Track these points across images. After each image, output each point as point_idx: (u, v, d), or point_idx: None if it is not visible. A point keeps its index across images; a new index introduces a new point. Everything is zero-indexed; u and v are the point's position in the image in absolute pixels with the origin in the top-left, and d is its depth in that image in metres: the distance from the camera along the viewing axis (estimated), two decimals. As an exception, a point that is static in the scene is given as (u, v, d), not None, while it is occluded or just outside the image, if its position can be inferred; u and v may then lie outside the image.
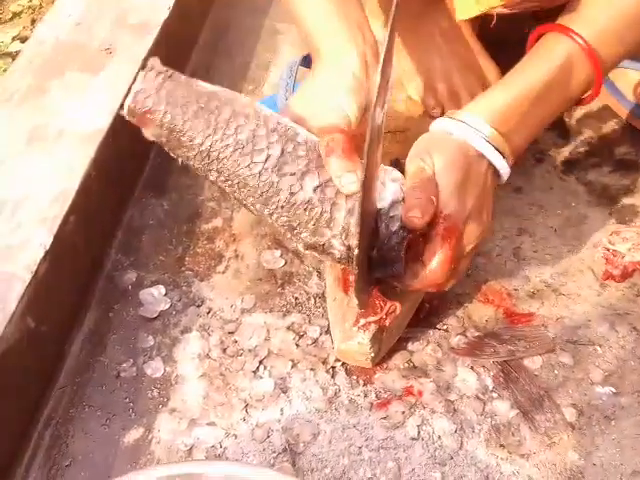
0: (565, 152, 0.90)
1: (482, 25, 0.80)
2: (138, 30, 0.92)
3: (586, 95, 0.69)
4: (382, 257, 0.60)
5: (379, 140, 0.57)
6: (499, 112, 0.64)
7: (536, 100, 0.65)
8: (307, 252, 0.62)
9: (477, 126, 0.63)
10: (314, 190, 0.59)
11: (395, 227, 0.59)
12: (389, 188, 0.60)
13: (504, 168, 0.65)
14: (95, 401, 0.69)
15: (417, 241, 0.61)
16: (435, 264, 0.60)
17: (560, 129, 0.92)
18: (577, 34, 0.66)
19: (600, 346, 0.72)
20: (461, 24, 0.87)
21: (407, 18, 0.80)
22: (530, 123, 0.66)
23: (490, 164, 0.64)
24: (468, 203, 0.62)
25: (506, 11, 0.73)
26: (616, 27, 0.68)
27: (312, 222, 0.59)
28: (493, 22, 0.74)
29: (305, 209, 0.59)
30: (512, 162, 0.65)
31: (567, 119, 0.94)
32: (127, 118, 0.62)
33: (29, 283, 0.67)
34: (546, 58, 0.67)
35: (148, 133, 0.62)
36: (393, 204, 0.60)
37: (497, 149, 0.63)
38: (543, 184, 0.87)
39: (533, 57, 0.68)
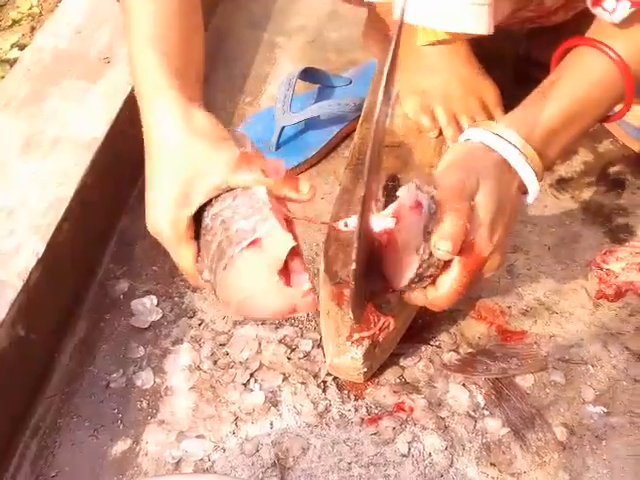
0: (560, 171, 0.91)
1: (478, 41, 0.81)
2: (137, 40, 0.92)
3: (617, 111, 0.68)
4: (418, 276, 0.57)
5: (380, 158, 0.56)
6: (535, 128, 0.62)
7: (571, 118, 0.64)
8: None
9: (514, 141, 0.61)
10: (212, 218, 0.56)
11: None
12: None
13: (535, 190, 0.63)
14: (83, 411, 0.69)
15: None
16: (449, 290, 0.58)
17: (555, 148, 0.93)
18: (611, 49, 0.63)
19: (592, 365, 0.72)
20: (461, 43, 0.87)
21: (408, 36, 0.80)
22: (563, 140, 0.64)
23: (520, 184, 0.62)
24: (498, 235, 0.59)
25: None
26: None
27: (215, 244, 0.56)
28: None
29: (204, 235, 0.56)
30: (541, 180, 0.63)
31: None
32: None
33: (20, 290, 0.66)
34: (582, 74, 0.65)
35: None
36: (432, 217, 0.56)
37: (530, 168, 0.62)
38: (538, 202, 0.86)
39: (568, 72, 0.65)
